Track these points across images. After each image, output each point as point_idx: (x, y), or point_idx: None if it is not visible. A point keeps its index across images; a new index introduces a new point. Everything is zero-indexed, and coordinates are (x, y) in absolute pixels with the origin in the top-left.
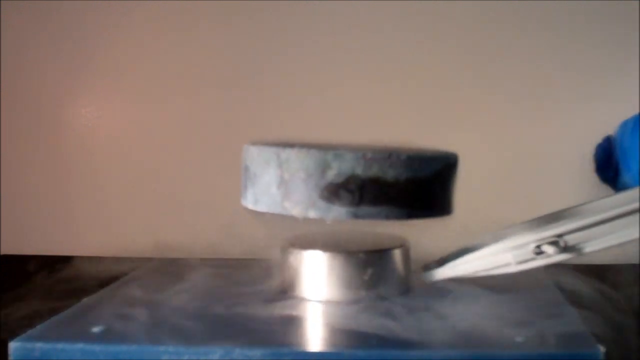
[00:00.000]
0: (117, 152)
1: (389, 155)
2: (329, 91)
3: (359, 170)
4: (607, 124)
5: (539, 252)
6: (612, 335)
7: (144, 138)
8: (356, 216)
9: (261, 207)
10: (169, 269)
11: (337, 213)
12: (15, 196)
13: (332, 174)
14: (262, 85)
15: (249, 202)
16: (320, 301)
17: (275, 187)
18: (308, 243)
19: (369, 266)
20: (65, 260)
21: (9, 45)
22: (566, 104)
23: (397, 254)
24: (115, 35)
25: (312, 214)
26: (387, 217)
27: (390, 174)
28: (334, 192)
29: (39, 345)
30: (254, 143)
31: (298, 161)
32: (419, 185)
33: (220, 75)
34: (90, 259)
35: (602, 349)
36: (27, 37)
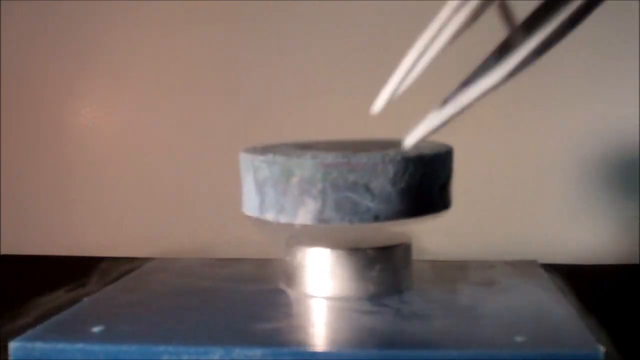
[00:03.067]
0: (118, 152)
1: (348, 160)
2: (330, 92)
3: (319, 176)
4: (607, 124)
5: None
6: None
7: (144, 138)
8: (320, 221)
9: (248, 212)
10: (169, 268)
11: (304, 218)
12: (15, 196)
13: (295, 181)
14: (265, 87)
15: (243, 207)
16: (326, 298)
17: (254, 193)
18: (313, 240)
19: (377, 263)
20: None
21: (9, 45)
22: (565, 104)
23: (402, 251)
24: (117, 35)
25: (282, 218)
26: (351, 221)
27: (350, 179)
28: (299, 197)
29: (39, 345)
30: (248, 148)
31: (267, 169)
32: (383, 188)
33: (222, 76)
34: None
35: (602, 349)
36: (27, 37)
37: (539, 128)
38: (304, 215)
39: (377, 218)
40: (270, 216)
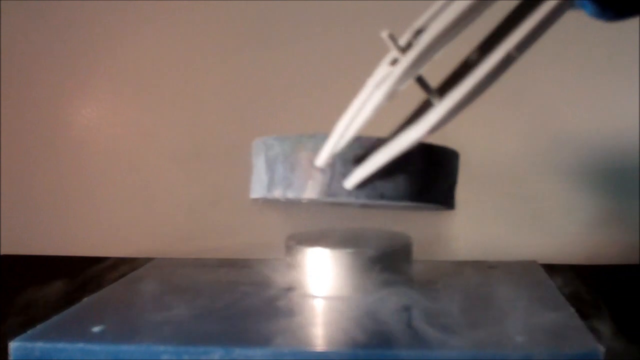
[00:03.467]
0: (117, 152)
1: (359, 136)
2: (332, 89)
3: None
4: (607, 124)
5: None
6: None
7: (144, 138)
8: (328, 195)
9: (256, 194)
10: (169, 269)
11: (312, 193)
12: (15, 196)
13: (305, 154)
14: (264, 86)
15: (251, 192)
16: (326, 298)
17: (264, 172)
18: (313, 240)
19: (377, 263)
20: None
21: (9, 46)
22: (566, 104)
23: (402, 251)
24: (116, 35)
25: (290, 194)
26: (357, 197)
27: (360, 154)
28: (308, 171)
29: (39, 345)
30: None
31: (278, 146)
32: (393, 169)
33: (220, 77)
34: None
35: (602, 348)
36: (27, 37)
37: (539, 128)
38: (312, 189)
39: (382, 196)
40: (278, 192)
